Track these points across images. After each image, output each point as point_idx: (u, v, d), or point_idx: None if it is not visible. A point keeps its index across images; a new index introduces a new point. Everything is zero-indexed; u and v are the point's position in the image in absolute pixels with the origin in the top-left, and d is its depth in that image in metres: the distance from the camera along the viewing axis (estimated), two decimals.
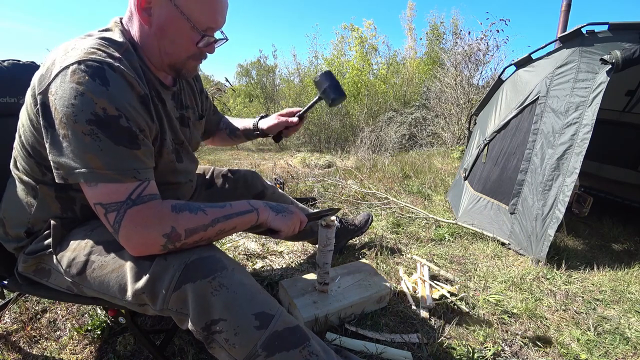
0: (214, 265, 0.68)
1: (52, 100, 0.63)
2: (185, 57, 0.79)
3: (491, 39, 5.78)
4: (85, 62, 0.63)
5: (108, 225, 0.66)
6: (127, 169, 0.65)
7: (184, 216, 0.69)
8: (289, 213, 0.89)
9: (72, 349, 1.04)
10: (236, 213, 0.78)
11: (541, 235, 1.74)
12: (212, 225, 0.73)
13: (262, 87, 7.95)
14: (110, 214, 0.64)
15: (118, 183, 0.64)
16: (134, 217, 0.65)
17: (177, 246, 0.68)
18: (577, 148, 1.69)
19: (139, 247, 0.67)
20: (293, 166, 4.15)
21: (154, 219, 0.66)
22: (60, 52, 0.67)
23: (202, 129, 1.09)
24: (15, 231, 0.80)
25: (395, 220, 2.17)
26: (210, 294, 0.65)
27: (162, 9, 0.72)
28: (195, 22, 0.73)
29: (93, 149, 0.62)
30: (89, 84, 0.62)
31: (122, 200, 0.64)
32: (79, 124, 0.61)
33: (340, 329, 1.14)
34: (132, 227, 0.65)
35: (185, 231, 0.68)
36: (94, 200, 0.65)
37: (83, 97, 0.61)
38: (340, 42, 7.42)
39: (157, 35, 0.75)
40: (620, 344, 1.17)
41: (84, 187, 0.65)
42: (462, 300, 1.35)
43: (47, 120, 0.64)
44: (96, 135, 0.62)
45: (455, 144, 5.60)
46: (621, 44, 1.62)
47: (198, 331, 0.67)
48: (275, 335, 0.67)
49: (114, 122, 0.64)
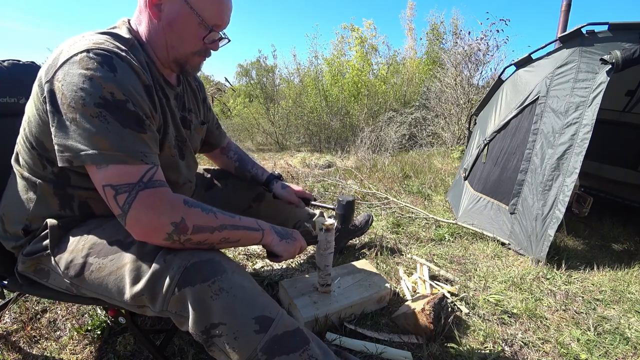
0: (214, 268, 0.67)
1: (58, 86, 0.64)
2: (190, 52, 0.82)
3: (491, 39, 5.78)
4: (94, 50, 0.65)
5: (116, 207, 0.65)
6: (135, 151, 0.66)
7: (195, 211, 0.70)
8: (292, 240, 0.92)
9: (72, 349, 1.04)
10: (244, 227, 0.79)
11: (541, 235, 1.74)
12: (219, 230, 0.73)
13: (262, 87, 7.93)
14: (121, 195, 0.64)
15: (128, 165, 0.65)
16: (146, 199, 0.65)
17: (181, 240, 0.68)
18: (577, 148, 1.69)
19: (146, 230, 0.66)
20: (293, 166, 4.15)
21: (165, 205, 0.67)
22: (68, 43, 0.69)
23: (203, 136, 1.11)
24: (14, 228, 0.80)
25: (395, 220, 2.17)
26: (210, 298, 0.65)
27: (174, 4, 0.75)
28: (204, 18, 0.76)
29: (101, 131, 0.63)
30: (97, 69, 0.64)
31: (134, 182, 0.65)
32: (88, 107, 0.62)
33: (340, 329, 1.14)
34: (142, 209, 0.65)
35: (193, 226, 0.69)
36: (103, 182, 0.65)
37: (91, 82, 0.63)
38: (340, 42, 7.41)
39: (166, 30, 0.78)
40: (620, 344, 1.17)
41: (92, 169, 0.65)
42: (462, 300, 1.35)
43: (53, 106, 0.65)
44: (104, 118, 0.63)
45: (455, 144, 5.60)
46: (621, 44, 1.62)
47: (197, 334, 0.67)
48: (275, 339, 0.67)
49: (121, 106, 0.65)
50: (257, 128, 7.40)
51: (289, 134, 7.34)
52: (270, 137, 7.26)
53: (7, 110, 0.95)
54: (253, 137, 7.41)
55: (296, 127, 7.26)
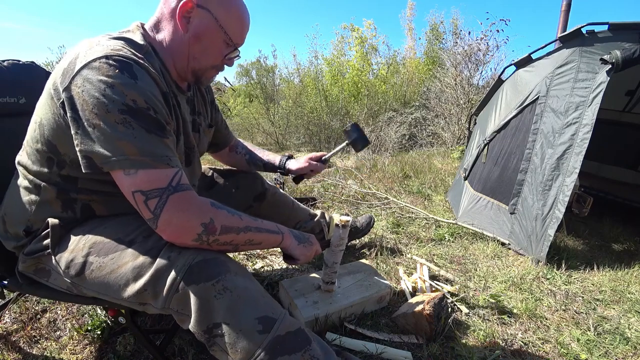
0: (218, 267, 0.68)
1: (78, 92, 0.64)
2: (210, 65, 0.85)
3: (491, 39, 5.79)
4: (113, 57, 0.65)
5: (146, 212, 0.66)
6: (161, 155, 0.67)
7: (222, 213, 0.73)
8: (310, 244, 0.96)
9: (72, 349, 1.04)
10: (266, 229, 0.83)
11: (541, 235, 1.74)
12: (244, 231, 0.76)
13: (262, 87, 7.94)
14: (152, 200, 0.66)
15: (156, 169, 0.66)
16: (176, 202, 0.67)
17: (209, 240, 0.70)
18: (577, 148, 1.69)
19: (177, 232, 0.68)
20: None
21: (195, 207, 0.70)
22: (84, 47, 0.69)
23: (210, 138, 1.12)
24: (15, 229, 0.80)
25: (395, 220, 2.17)
26: (214, 297, 0.65)
27: (203, 19, 0.78)
28: (230, 36, 0.81)
29: (127, 137, 0.64)
30: (119, 77, 0.64)
31: (163, 186, 0.66)
32: (112, 114, 0.63)
33: (340, 329, 1.14)
34: (173, 212, 0.67)
35: (221, 227, 0.71)
36: (132, 188, 0.66)
37: (113, 89, 0.64)
38: (340, 42, 7.43)
39: (191, 42, 0.80)
40: (620, 344, 1.17)
41: (119, 175, 0.66)
42: (462, 300, 1.35)
43: (74, 112, 0.65)
44: (129, 124, 0.64)
45: (455, 144, 5.60)
46: (621, 43, 1.62)
47: (200, 333, 0.67)
48: (278, 339, 0.67)
49: (144, 112, 0.66)
50: (257, 128, 7.41)
51: (289, 134, 7.35)
52: (270, 137, 7.27)
53: (7, 110, 0.95)
54: (253, 137, 7.42)
55: (296, 127, 7.27)
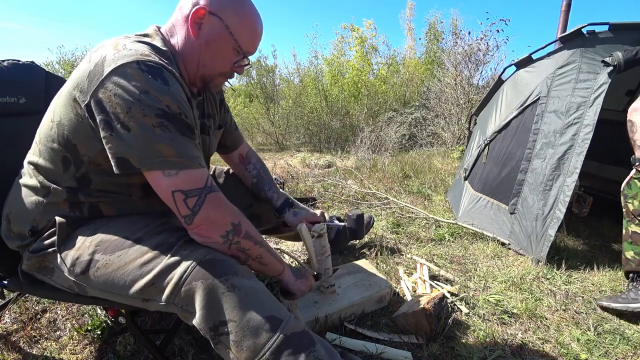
0: (228, 267, 0.70)
1: (109, 95, 0.65)
2: (219, 72, 0.86)
3: (491, 39, 5.77)
4: (145, 63, 0.67)
5: (185, 209, 0.70)
6: (194, 156, 0.71)
7: (247, 221, 0.79)
8: (306, 280, 1.00)
9: (72, 349, 1.04)
10: (274, 255, 0.88)
11: (541, 235, 1.74)
12: (260, 245, 0.81)
13: (262, 87, 7.92)
14: (191, 199, 0.70)
15: (193, 170, 0.70)
16: (213, 201, 0.72)
17: (233, 240, 0.75)
18: (578, 148, 1.69)
19: (212, 225, 0.73)
20: (293, 166, 4.15)
21: (227, 206, 0.76)
22: (109, 50, 0.69)
23: (218, 139, 1.13)
24: (19, 228, 0.80)
25: (395, 220, 2.17)
26: (222, 294, 0.66)
27: (214, 27, 0.78)
28: (241, 45, 0.82)
29: (164, 139, 0.67)
30: (152, 82, 0.67)
31: (201, 186, 0.71)
32: (149, 117, 0.66)
33: (340, 329, 1.14)
34: (210, 209, 0.72)
35: (246, 232, 0.77)
36: (172, 187, 0.69)
37: (148, 95, 0.66)
38: (340, 42, 7.40)
39: (202, 48, 0.81)
40: (620, 344, 1.17)
41: (158, 175, 0.68)
42: (462, 300, 1.35)
43: (105, 115, 0.66)
44: (166, 127, 0.67)
45: (455, 144, 5.60)
46: (622, 44, 1.62)
47: (205, 330, 0.67)
48: (284, 339, 0.67)
49: (178, 117, 0.69)
50: (257, 128, 7.41)
51: (289, 134, 7.34)
52: (270, 137, 7.26)
53: (7, 110, 0.94)
54: (253, 137, 7.42)
55: (296, 127, 7.26)
